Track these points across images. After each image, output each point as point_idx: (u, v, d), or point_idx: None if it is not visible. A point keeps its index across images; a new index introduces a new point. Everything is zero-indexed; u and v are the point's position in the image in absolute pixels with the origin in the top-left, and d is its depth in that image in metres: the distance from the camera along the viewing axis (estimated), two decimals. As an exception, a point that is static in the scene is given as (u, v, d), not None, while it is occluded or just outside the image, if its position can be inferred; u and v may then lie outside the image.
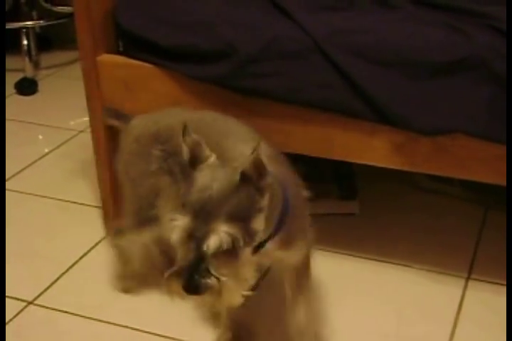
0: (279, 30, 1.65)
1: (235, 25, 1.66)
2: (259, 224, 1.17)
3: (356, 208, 2.11)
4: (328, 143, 1.69)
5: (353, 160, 1.73)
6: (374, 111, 1.59)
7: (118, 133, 1.94)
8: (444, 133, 1.56)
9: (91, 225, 2.12)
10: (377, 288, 1.81)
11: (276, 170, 1.24)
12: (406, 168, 1.68)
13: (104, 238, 2.06)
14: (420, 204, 2.20)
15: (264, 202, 1.18)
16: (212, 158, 1.19)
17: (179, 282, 1.15)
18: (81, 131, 2.72)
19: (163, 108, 1.69)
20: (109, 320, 1.74)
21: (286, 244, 1.34)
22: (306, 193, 1.40)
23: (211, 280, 1.14)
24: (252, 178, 1.15)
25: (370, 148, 1.65)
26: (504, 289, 1.81)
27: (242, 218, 1.15)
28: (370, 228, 2.04)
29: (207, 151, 1.19)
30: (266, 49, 1.64)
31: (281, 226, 1.27)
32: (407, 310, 1.73)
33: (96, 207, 2.19)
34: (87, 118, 2.61)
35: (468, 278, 1.86)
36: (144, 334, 1.69)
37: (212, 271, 1.14)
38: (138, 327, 1.71)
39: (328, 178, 2.16)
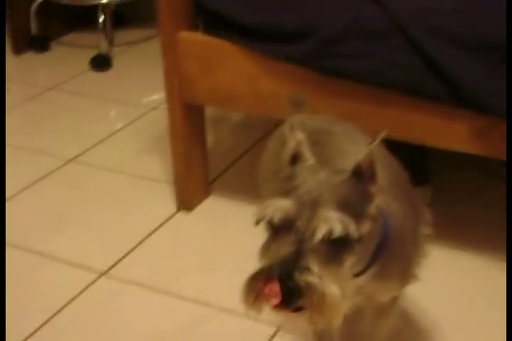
0: (361, 11, 1.64)
1: (319, 5, 1.65)
2: (366, 229, 1.03)
3: (428, 196, 2.08)
4: (407, 126, 1.68)
5: (431, 145, 1.71)
6: (456, 94, 1.57)
7: (194, 109, 1.97)
8: (527, 119, 1.53)
9: (163, 201, 2.15)
10: (448, 275, 1.79)
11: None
12: (486, 154, 1.65)
13: (175, 213, 2.09)
14: (497, 195, 2.15)
15: (372, 209, 1.05)
16: (312, 161, 1.08)
17: (269, 283, 0.98)
18: (153, 108, 2.74)
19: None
20: (179, 294, 1.77)
21: (380, 279, 1.16)
22: (425, 227, 1.32)
23: (313, 279, 0.96)
24: (363, 176, 1.03)
25: (450, 133, 1.63)
26: None
27: (353, 212, 1.00)
28: (441, 219, 2.02)
29: (308, 153, 1.08)
30: (348, 29, 1.62)
31: (376, 259, 1.12)
32: (474, 297, 1.72)
33: (167, 182, 2.22)
34: (159, 95, 2.69)
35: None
36: (213, 310, 1.72)
37: (315, 269, 0.97)
38: (208, 302, 1.74)
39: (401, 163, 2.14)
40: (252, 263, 1.84)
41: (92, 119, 2.69)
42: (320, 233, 0.98)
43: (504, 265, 1.82)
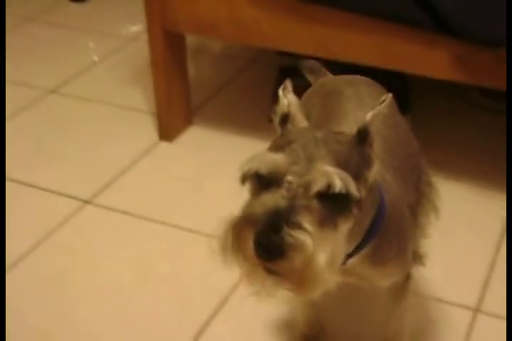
0: None
1: None
2: (364, 194, 0.92)
3: (409, 122, 2.11)
4: (387, 54, 1.69)
5: (411, 72, 1.72)
6: (436, 20, 1.57)
7: (175, 38, 1.96)
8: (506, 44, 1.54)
9: (145, 131, 2.16)
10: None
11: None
12: (465, 81, 1.67)
13: (157, 143, 2.10)
14: (474, 121, 2.19)
15: (371, 175, 0.95)
16: (305, 125, 1.01)
17: (254, 235, 0.87)
18: (134, 39, 2.72)
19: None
20: (163, 221, 1.80)
21: (375, 262, 1.08)
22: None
23: (304, 237, 0.85)
24: (366, 140, 0.94)
25: (430, 60, 1.64)
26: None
27: (352, 172, 0.90)
28: (421, 143, 2.04)
29: (300, 116, 1.02)
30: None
31: (370, 238, 1.02)
32: (454, 220, 1.75)
33: (149, 113, 2.22)
34: (140, 26, 2.67)
35: (516, 193, 1.88)
36: (197, 235, 1.75)
37: (307, 227, 0.85)
38: (192, 228, 1.77)
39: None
40: (235, 192, 1.89)
41: (71, 51, 2.67)
42: (316, 186, 0.87)
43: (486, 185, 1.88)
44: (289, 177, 0.89)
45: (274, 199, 0.89)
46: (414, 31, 1.62)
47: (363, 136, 0.94)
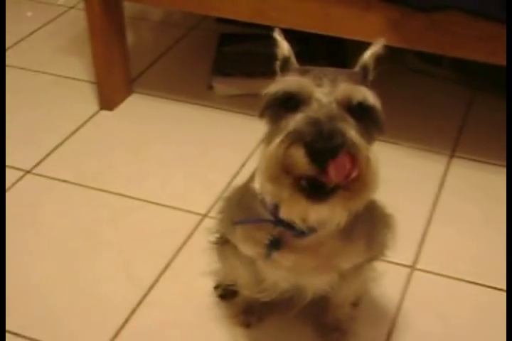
0: None
1: None
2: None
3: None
4: (323, 19, 1.70)
5: (347, 36, 1.74)
6: (371, -14, 1.60)
7: (112, 6, 1.94)
8: (440, 9, 1.58)
9: (85, 99, 2.15)
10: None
11: None
12: (400, 45, 1.70)
13: (98, 112, 2.10)
14: (409, 85, 2.24)
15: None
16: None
17: (309, 145, 0.85)
18: (71, 7, 2.69)
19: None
20: (105, 188, 1.80)
21: (345, 235, 1.09)
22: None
23: (357, 136, 0.87)
24: (367, 75, 1.00)
25: (366, 24, 1.67)
26: (487, 166, 1.90)
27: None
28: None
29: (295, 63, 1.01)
30: None
31: None
32: (391, 182, 1.79)
33: (89, 82, 2.21)
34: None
35: (452, 156, 1.94)
36: (140, 202, 1.77)
37: (353, 132, 0.87)
38: (135, 195, 1.78)
39: (320, 56, 2.18)
40: (176, 158, 1.91)
41: (8, 20, 2.61)
42: (353, 98, 0.90)
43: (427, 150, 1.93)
44: (319, 95, 0.89)
45: (312, 112, 0.88)
46: (349, -4, 1.65)
47: (365, 71, 1.00)
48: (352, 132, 0.87)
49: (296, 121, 0.89)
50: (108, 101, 2.11)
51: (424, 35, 1.65)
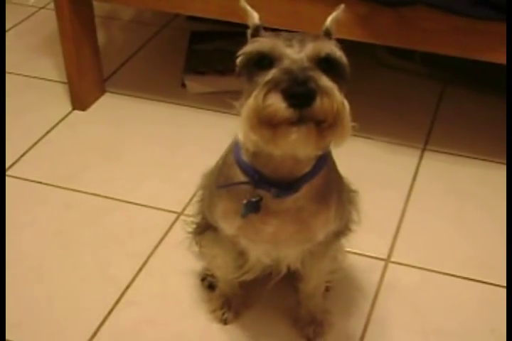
0: None
1: None
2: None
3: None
4: (293, 16, 1.71)
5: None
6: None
7: (82, 5, 1.94)
8: (408, 4, 1.59)
9: (57, 100, 2.14)
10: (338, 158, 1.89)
11: None
12: (369, 40, 1.72)
13: (70, 112, 2.09)
14: (381, 79, 2.26)
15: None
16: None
17: (286, 89, 0.91)
18: (41, 8, 2.67)
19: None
20: (80, 189, 1.80)
21: (320, 199, 1.15)
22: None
23: (330, 83, 0.93)
24: (331, 35, 1.06)
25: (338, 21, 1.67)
26: (458, 159, 1.92)
27: None
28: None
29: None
30: None
31: (321, 164, 1.11)
32: (365, 177, 1.81)
33: (61, 82, 2.20)
34: (46, -5, 2.63)
35: (424, 149, 1.96)
36: (115, 201, 1.77)
37: (326, 79, 0.94)
38: (110, 195, 1.78)
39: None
40: (149, 157, 1.91)
41: (-24, 21, 2.61)
42: (321, 52, 0.96)
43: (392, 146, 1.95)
44: (289, 52, 0.96)
45: (285, 65, 0.94)
46: (318, -8, 1.66)
47: (328, 35, 1.06)
48: (324, 78, 0.94)
49: (271, 73, 0.95)
50: (80, 102, 2.10)
51: (393, 30, 1.66)
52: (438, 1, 1.57)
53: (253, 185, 1.11)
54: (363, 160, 1.90)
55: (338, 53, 0.99)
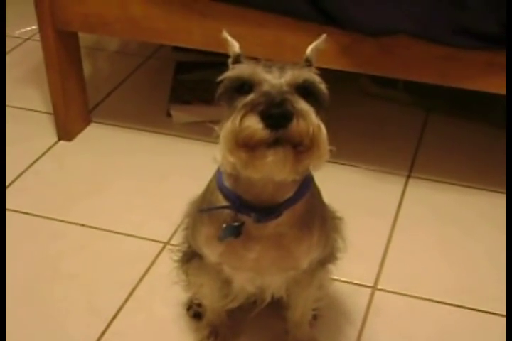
0: None
1: None
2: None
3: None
4: (279, 46, 1.74)
5: (300, 62, 1.78)
6: (320, 12, 1.64)
7: (68, 37, 1.96)
8: (389, 34, 1.62)
9: (43, 131, 2.15)
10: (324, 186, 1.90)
11: None
12: (352, 70, 1.74)
13: (56, 143, 2.09)
14: (365, 107, 2.29)
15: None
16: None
17: (263, 111, 0.93)
18: (27, 39, 2.69)
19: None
20: (66, 220, 1.80)
21: (303, 225, 1.16)
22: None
23: (306, 106, 0.96)
24: (311, 64, 1.08)
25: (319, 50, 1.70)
26: (443, 186, 1.93)
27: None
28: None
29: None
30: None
31: (303, 190, 1.12)
32: (350, 204, 1.82)
33: (47, 113, 2.21)
34: (32, 27, 2.64)
35: (408, 176, 1.97)
36: (101, 232, 1.76)
37: (303, 103, 0.96)
38: (96, 225, 1.78)
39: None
40: (136, 187, 1.91)
41: (-37, 53, 2.62)
42: (298, 78, 0.99)
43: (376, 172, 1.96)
44: (269, 78, 0.98)
45: (265, 89, 0.97)
46: (303, 24, 1.68)
47: (308, 63, 1.08)
48: (301, 101, 0.96)
49: (249, 97, 0.97)
50: (66, 132, 2.11)
51: (374, 59, 1.69)
52: (420, 31, 1.59)
53: (234, 210, 1.11)
54: (348, 188, 1.92)
55: (317, 79, 1.01)
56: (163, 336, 1.49)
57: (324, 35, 1.13)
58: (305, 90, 0.99)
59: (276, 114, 0.92)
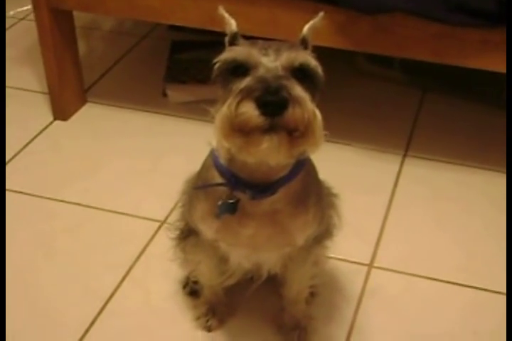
0: None
1: None
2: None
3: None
4: (273, 24, 1.73)
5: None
6: (317, -10, 1.63)
7: (62, 16, 1.94)
8: (385, 11, 1.61)
9: (38, 111, 2.14)
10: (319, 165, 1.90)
11: None
12: (348, 48, 1.73)
13: (52, 122, 2.09)
14: (361, 87, 2.28)
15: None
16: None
17: (258, 97, 0.92)
18: (21, 19, 2.68)
19: None
20: (61, 199, 1.80)
21: (299, 202, 1.16)
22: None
23: (302, 92, 0.95)
24: (306, 45, 1.07)
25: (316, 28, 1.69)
26: (439, 165, 1.93)
27: None
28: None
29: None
30: None
31: (298, 168, 1.12)
32: (346, 183, 1.82)
33: (42, 93, 2.20)
34: (26, 7, 2.63)
35: (405, 155, 1.97)
36: (97, 211, 1.77)
37: (299, 89, 0.95)
38: (91, 204, 1.78)
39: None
40: (131, 166, 1.91)
41: (-43, 33, 2.60)
42: (296, 61, 0.98)
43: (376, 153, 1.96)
44: (265, 61, 0.97)
45: (260, 74, 0.96)
46: (298, 2, 1.67)
47: (304, 43, 1.07)
48: (297, 88, 0.95)
49: (245, 81, 0.96)
50: (62, 112, 2.10)
51: (370, 37, 1.68)
52: (416, 8, 1.59)
53: (229, 187, 1.12)
54: (344, 167, 1.92)
55: (313, 63, 1.00)
56: (160, 315, 1.49)
57: (322, 13, 1.12)
58: (301, 73, 0.99)
59: (272, 102, 0.92)
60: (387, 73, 2.28)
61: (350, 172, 1.91)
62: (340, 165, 1.91)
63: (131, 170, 1.91)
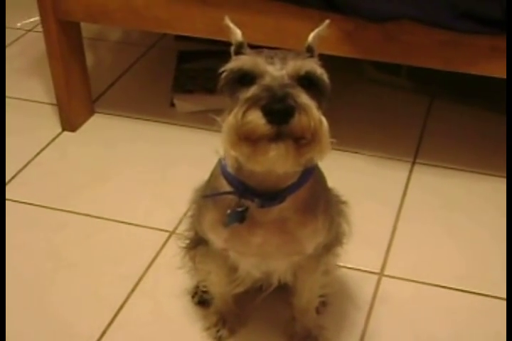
0: None
1: None
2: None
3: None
4: (280, 33, 1.73)
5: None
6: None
7: (70, 27, 1.95)
8: (392, 19, 1.61)
9: (47, 122, 2.15)
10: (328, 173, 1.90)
11: None
12: (356, 56, 1.73)
13: (60, 134, 2.09)
14: (368, 94, 2.28)
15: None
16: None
17: (264, 106, 0.93)
18: (29, 30, 2.69)
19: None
20: (70, 209, 1.80)
21: (307, 210, 1.16)
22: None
23: (308, 101, 0.95)
24: (312, 53, 1.07)
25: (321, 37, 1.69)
26: (448, 172, 1.93)
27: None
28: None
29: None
30: None
31: (306, 176, 1.12)
32: (356, 191, 1.81)
33: (50, 104, 2.21)
34: (33, 19, 2.64)
35: (413, 163, 1.97)
36: (106, 221, 1.76)
37: (305, 97, 0.96)
38: (100, 215, 1.78)
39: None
40: (140, 177, 1.92)
41: (-35, 45, 2.61)
42: (303, 69, 0.98)
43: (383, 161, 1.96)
44: (271, 70, 0.98)
45: (266, 82, 0.96)
46: (305, 10, 1.67)
47: (310, 51, 1.07)
48: (303, 96, 0.96)
49: (251, 90, 0.97)
50: (70, 123, 2.11)
51: (378, 45, 1.68)
52: (423, 16, 1.59)
53: (238, 195, 1.12)
54: (353, 175, 1.91)
55: (319, 71, 1.00)
56: (170, 325, 1.49)
57: (327, 22, 1.12)
58: (307, 81, 0.99)
59: (279, 110, 0.92)
60: (394, 81, 2.28)
61: (359, 179, 1.90)
62: (349, 173, 1.91)
63: (139, 180, 1.91)
